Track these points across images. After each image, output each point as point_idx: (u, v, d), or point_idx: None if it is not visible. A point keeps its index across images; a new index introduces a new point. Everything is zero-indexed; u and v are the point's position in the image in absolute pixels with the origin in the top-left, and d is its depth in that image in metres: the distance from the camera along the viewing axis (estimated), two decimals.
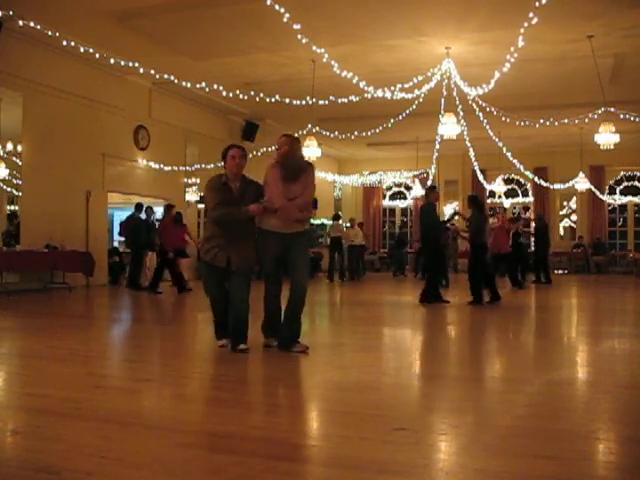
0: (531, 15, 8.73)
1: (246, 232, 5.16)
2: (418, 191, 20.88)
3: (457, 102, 12.36)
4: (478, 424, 3.24)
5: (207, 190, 5.20)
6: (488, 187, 20.83)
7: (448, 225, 12.57)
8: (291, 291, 5.19)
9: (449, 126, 12.24)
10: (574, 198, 22.33)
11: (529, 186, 22.64)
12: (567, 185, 19.09)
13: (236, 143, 5.72)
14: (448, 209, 22.23)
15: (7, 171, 11.70)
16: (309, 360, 4.87)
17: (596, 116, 13.16)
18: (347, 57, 11.44)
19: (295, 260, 5.21)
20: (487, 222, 10.44)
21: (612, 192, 21.94)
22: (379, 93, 12.15)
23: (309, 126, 13.39)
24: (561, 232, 22.96)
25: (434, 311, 8.94)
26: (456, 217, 13.01)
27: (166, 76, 11.84)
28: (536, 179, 20.11)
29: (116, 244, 16.83)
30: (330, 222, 23.14)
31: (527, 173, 19.30)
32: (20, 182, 11.66)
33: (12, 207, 12.13)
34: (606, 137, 12.27)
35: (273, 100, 13.11)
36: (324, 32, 10.43)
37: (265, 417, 3.34)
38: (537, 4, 8.40)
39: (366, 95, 12.26)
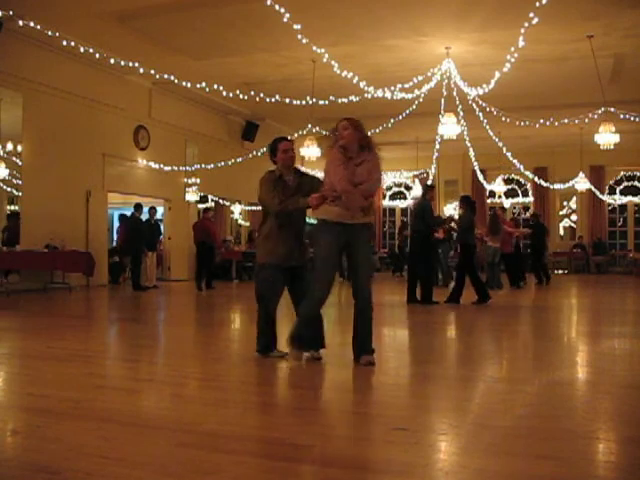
0: (531, 15, 8.73)
1: (298, 226, 4.97)
2: (418, 191, 20.89)
3: (457, 102, 12.37)
4: (478, 424, 3.24)
5: (263, 185, 4.94)
6: (488, 187, 20.82)
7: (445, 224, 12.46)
8: (355, 297, 4.65)
9: (449, 126, 12.24)
10: (574, 198, 22.33)
11: (529, 186, 22.64)
12: (567, 185, 19.09)
13: (284, 136, 5.41)
14: (448, 209, 22.24)
15: (7, 171, 11.70)
16: (309, 360, 4.86)
17: (596, 116, 13.16)
18: (347, 57, 11.44)
19: (358, 258, 4.64)
20: (475, 223, 10.40)
21: (612, 192, 21.92)
22: (379, 93, 12.16)
23: (309, 126, 13.39)
24: (561, 232, 22.96)
25: (433, 311, 8.93)
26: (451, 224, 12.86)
27: (166, 76, 11.85)
28: (536, 179, 20.11)
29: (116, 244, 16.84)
30: None
31: (527, 173, 19.30)
32: (20, 182, 11.66)
33: (12, 207, 12.14)
34: (606, 137, 12.27)
35: (273, 100, 13.12)
36: (324, 32, 10.43)
37: (265, 417, 3.34)
38: (537, 4, 8.41)
39: (366, 95, 12.27)
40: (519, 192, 23.05)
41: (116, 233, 14.66)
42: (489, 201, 22.86)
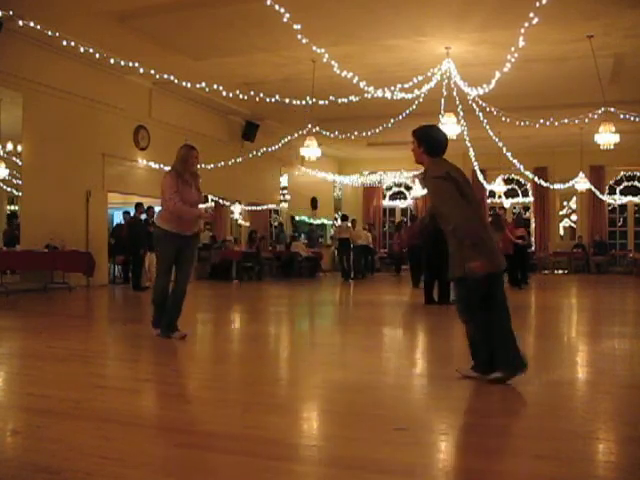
0: (531, 15, 8.73)
1: None
2: (418, 191, 20.91)
3: (457, 102, 12.37)
4: (478, 424, 3.24)
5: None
6: (488, 187, 20.84)
7: None
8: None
9: (449, 126, 12.23)
10: (574, 198, 22.33)
11: (529, 186, 22.65)
12: (567, 185, 19.10)
13: None
14: None
15: (7, 171, 11.70)
16: (309, 360, 4.87)
17: (596, 116, 13.16)
18: (347, 57, 11.44)
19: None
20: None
21: (612, 192, 21.93)
22: (379, 93, 12.16)
23: (309, 126, 13.39)
24: (561, 232, 22.97)
25: (434, 311, 8.93)
26: None
27: (166, 76, 11.85)
28: (536, 179, 20.12)
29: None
30: (330, 222, 23.27)
31: (527, 173, 19.31)
32: (20, 182, 11.66)
33: (12, 207, 12.14)
34: (606, 137, 12.27)
35: (273, 100, 13.12)
36: (324, 32, 10.43)
37: (265, 417, 3.34)
38: (537, 4, 8.40)
39: (366, 95, 12.26)
40: (519, 192, 23.05)
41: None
42: (489, 201, 22.87)
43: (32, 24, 9.81)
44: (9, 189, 11.87)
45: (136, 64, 11.20)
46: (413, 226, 14.21)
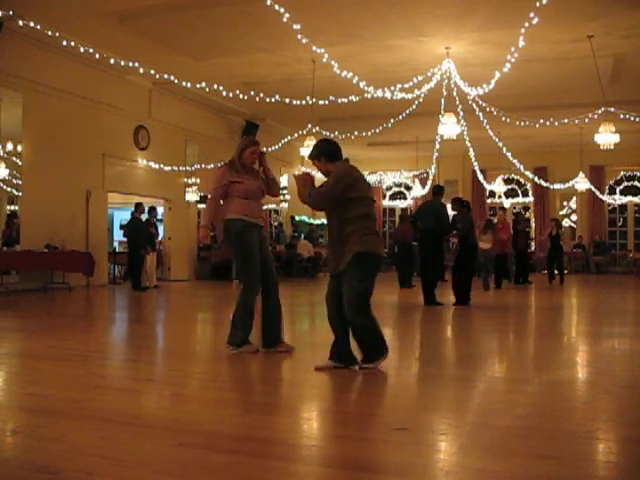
0: (531, 15, 8.73)
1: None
2: (418, 191, 20.90)
3: (457, 102, 12.37)
4: (478, 424, 3.24)
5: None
6: (488, 187, 20.83)
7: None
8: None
9: (449, 126, 12.24)
10: (574, 198, 22.33)
11: (529, 186, 22.66)
12: (567, 185, 19.10)
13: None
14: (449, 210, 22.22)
15: (7, 171, 11.70)
16: (309, 360, 4.86)
17: (596, 116, 13.16)
18: (347, 57, 11.44)
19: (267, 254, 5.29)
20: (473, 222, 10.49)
21: (612, 192, 21.93)
22: (379, 93, 12.16)
23: (309, 126, 13.39)
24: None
25: (432, 312, 8.93)
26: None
27: (166, 76, 11.85)
28: (536, 179, 20.12)
29: (116, 244, 16.84)
30: None
31: (527, 173, 19.31)
32: (20, 182, 11.66)
33: (12, 207, 12.13)
34: (606, 137, 12.27)
35: (273, 100, 13.12)
36: (324, 32, 10.43)
37: (265, 417, 3.34)
38: (537, 4, 8.40)
39: (366, 95, 12.27)
40: (519, 192, 23.05)
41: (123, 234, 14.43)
42: (489, 201, 22.88)
43: (32, 24, 9.82)
44: (9, 189, 11.87)
45: (136, 64, 11.21)
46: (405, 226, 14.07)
